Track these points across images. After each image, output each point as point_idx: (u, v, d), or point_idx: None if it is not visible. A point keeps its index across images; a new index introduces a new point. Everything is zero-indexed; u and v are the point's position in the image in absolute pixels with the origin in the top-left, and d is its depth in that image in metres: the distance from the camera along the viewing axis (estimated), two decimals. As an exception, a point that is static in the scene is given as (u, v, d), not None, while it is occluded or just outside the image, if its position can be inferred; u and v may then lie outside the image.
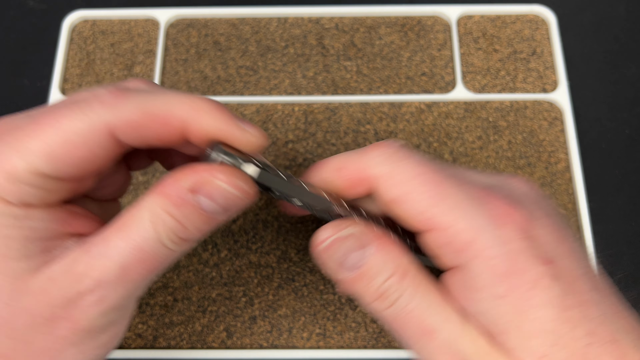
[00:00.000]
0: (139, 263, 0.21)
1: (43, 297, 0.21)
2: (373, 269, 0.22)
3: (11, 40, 0.44)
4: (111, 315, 0.22)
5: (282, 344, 0.35)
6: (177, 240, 0.21)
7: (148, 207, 0.21)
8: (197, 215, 0.21)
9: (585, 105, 0.41)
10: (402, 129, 0.40)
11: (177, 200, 0.21)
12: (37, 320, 0.21)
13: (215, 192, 0.21)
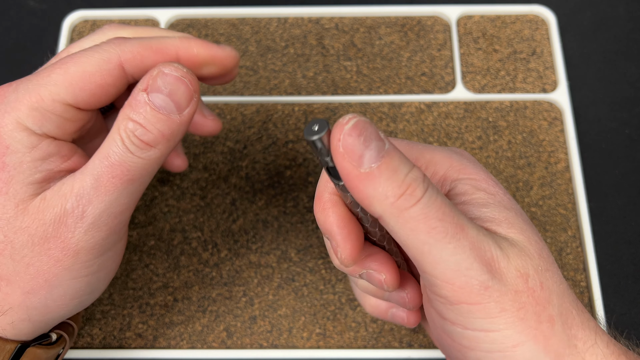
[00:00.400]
0: (108, 171, 0.23)
1: (37, 216, 0.23)
2: (395, 160, 0.20)
3: (11, 41, 0.44)
4: (95, 234, 0.24)
5: (282, 343, 0.35)
6: (139, 143, 0.23)
7: (117, 121, 0.23)
8: (151, 112, 0.23)
9: (585, 105, 0.41)
10: (402, 129, 0.40)
11: (133, 103, 0.23)
12: (34, 240, 0.23)
13: (161, 83, 0.23)
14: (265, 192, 0.38)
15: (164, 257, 0.37)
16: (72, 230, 0.23)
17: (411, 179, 0.20)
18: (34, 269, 0.24)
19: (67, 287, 0.24)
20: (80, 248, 0.24)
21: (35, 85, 0.24)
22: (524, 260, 0.21)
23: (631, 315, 0.36)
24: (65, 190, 0.23)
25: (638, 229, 0.38)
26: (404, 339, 0.35)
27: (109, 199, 0.23)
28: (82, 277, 0.24)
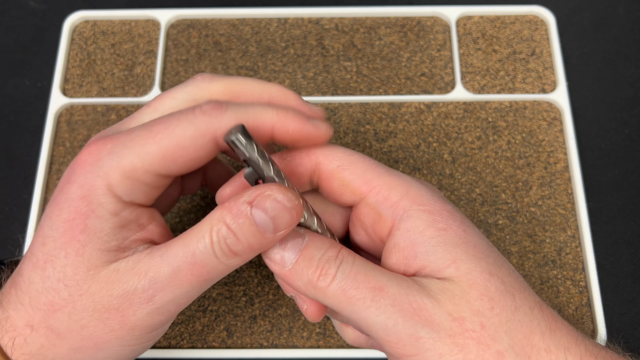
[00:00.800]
0: (189, 268, 0.23)
1: (107, 286, 0.23)
2: (310, 249, 0.24)
3: (12, 41, 0.44)
4: (156, 317, 0.24)
5: (282, 343, 0.35)
6: (227, 251, 0.23)
7: (210, 219, 0.23)
8: (249, 226, 0.23)
9: (584, 105, 0.41)
10: (401, 129, 0.40)
11: (234, 210, 0.23)
12: (96, 307, 0.24)
13: (268, 203, 0.23)
14: (265, 192, 0.38)
15: (165, 257, 0.37)
16: (136, 309, 0.24)
17: (324, 260, 0.23)
18: (87, 332, 0.24)
19: (113, 352, 0.25)
20: (137, 325, 0.24)
21: (129, 153, 0.24)
22: (458, 304, 0.22)
23: (630, 315, 0.36)
24: (140, 269, 0.23)
25: (637, 229, 0.38)
26: (403, 339, 0.35)
27: (180, 291, 0.23)
28: (130, 346, 0.25)
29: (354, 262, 0.23)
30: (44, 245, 0.24)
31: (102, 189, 0.23)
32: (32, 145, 0.41)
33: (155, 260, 0.23)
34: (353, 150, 0.26)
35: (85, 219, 0.24)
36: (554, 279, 0.36)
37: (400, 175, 0.25)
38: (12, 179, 0.40)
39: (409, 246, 0.24)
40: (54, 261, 0.24)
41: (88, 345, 0.24)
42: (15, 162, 0.40)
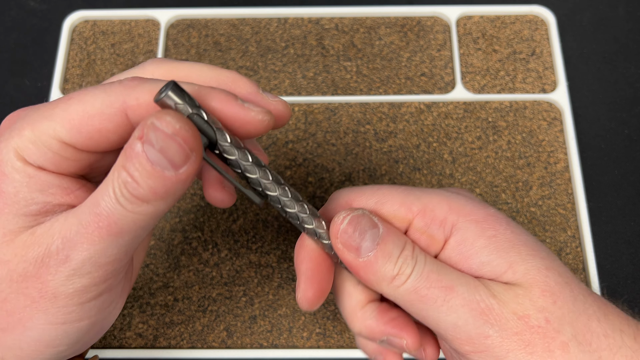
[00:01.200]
0: (95, 219, 0.21)
1: (22, 251, 0.22)
2: (389, 244, 0.23)
3: (12, 41, 0.44)
4: (77, 280, 0.22)
5: (282, 343, 0.35)
6: (129, 197, 0.21)
7: (113, 167, 0.21)
8: (144, 166, 0.20)
9: (585, 105, 0.41)
10: (401, 129, 0.40)
11: (128, 151, 0.20)
12: (12, 276, 0.22)
13: (153, 137, 0.20)
14: (265, 192, 0.38)
15: (164, 257, 0.37)
16: (53, 272, 0.22)
17: (402, 259, 0.23)
18: (9, 306, 0.22)
19: (42, 332, 0.23)
20: (58, 292, 0.22)
21: (39, 116, 0.22)
22: (522, 303, 0.23)
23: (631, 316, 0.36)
24: (54, 229, 0.22)
25: (637, 229, 0.38)
26: (403, 339, 0.35)
27: (94, 248, 0.21)
28: (59, 324, 0.23)
29: (427, 262, 0.24)
30: None
31: (11, 152, 0.22)
32: (31, 145, 0.41)
33: (67, 219, 0.22)
34: (377, 185, 0.26)
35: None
36: (554, 279, 0.36)
37: (435, 192, 0.25)
38: (11, 179, 0.40)
39: (462, 259, 0.24)
40: None
41: (13, 323, 0.22)
42: (15, 162, 0.40)
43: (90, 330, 0.24)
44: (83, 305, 0.23)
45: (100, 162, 0.24)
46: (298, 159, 0.39)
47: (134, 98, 0.22)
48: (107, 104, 0.22)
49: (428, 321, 0.24)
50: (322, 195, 0.38)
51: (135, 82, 0.22)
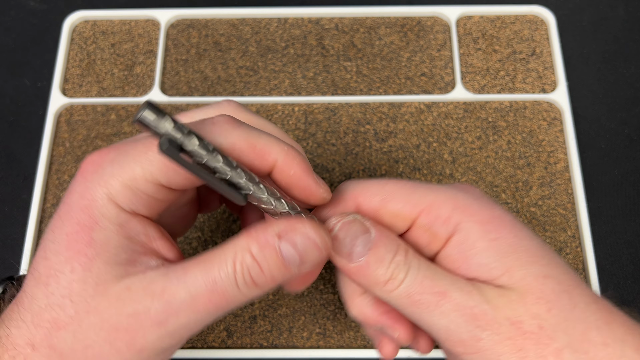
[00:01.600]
0: (208, 295, 0.22)
1: (117, 303, 0.22)
2: (381, 249, 0.24)
3: (12, 41, 0.44)
4: (166, 341, 0.23)
5: (282, 343, 0.35)
6: (249, 281, 0.22)
7: (234, 246, 0.22)
8: (275, 258, 0.22)
9: (585, 105, 0.41)
10: (401, 129, 0.40)
11: (262, 240, 0.22)
12: (103, 326, 0.22)
13: (298, 237, 0.22)
14: (265, 192, 0.38)
15: (164, 257, 0.37)
16: (147, 332, 0.22)
17: (394, 265, 0.24)
18: (91, 353, 0.22)
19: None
20: (145, 348, 0.23)
21: (131, 161, 0.23)
22: (515, 309, 0.23)
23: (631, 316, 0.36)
24: (155, 289, 0.22)
25: (637, 229, 0.38)
26: (403, 339, 0.35)
27: (194, 317, 0.22)
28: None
29: (420, 267, 0.24)
30: (47, 259, 0.23)
31: (103, 199, 0.23)
32: (31, 145, 0.41)
33: (172, 283, 0.22)
34: (384, 179, 0.26)
35: (90, 231, 0.23)
36: (554, 279, 0.36)
37: (442, 189, 0.25)
38: (12, 178, 0.40)
39: (461, 258, 0.24)
40: (59, 276, 0.23)
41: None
42: (15, 162, 0.40)
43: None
44: (159, 356, 0.23)
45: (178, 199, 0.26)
46: (298, 159, 0.39)
47: (229, 142, 0.23)
48: None
49: (421, 323, 0.24)
50: (322, 195, 0.38)
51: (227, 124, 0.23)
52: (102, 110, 0.41)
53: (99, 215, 0.23)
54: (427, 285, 0.23)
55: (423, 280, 0.23)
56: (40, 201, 0.38)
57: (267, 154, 0.24)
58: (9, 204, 0.39)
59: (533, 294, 0.23)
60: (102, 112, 0.41)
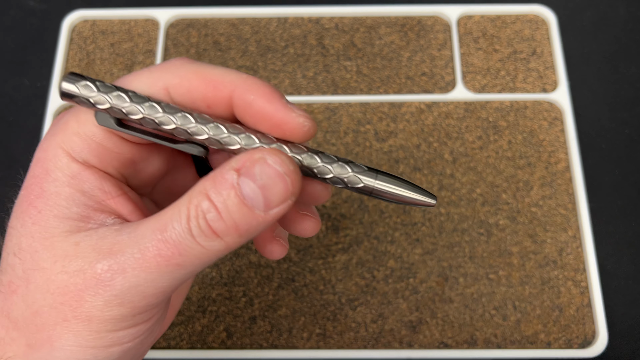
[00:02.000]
0: (158, 246, 0.19)
1: (62, 260, 0.20)
2: None
3: (11, 40, 0.44)
4: (115, 308, 0.20)
5: (282, 344, 0.35)
6: (206, 229, 0.19)
7: (190, 191, 0.20)
8: (233, 197, 0.19)
9: (585, 105, 0.41)
10: (402, 129, 0.40)
11: (218, 179, 0.19)
12: (50, 287, 0.20)
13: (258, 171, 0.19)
14: (265, 192, 0.38)
15: (164, 257, 0.37)
16: (93, 294, 0.20)
17: None
18: (40, 320, 0.20)
19: (70, 354, 0.21)
20: (93, 316, 0.20)
21: (82, 110, 0.21)
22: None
23: (631, 316, 0.36)
24: (104, 245, 0.20)
25: (638, 229, 0.38)
26: (404, 339, 0.35)
27: (144, 276, 0.20)
28: (89, 347, 0.21)
29: None
30: (4, 220, 0.22)
31: (54, 149, 0.21)
32: (31, 145, 0.41)
33: (122, 237, 0.20)
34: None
35: (41, 182, 0.21)
36: (555, 280, 0.36)
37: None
38: (10, 179, 0.40)
39: None
40: (11, 233, 0.21)
41: (42, 339, 0.20)
42: (15, 162, 0.40)
43: (121, 357, 0.22)
44: (116, 332, 0.21)
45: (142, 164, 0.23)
46: (298, 158, 0.39)
47: (177, 75, 0.21)
48: (149, 83, 0.21)
49: None
50: (322, 195, 0.38)
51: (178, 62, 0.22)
52: (102, 110, 0.41)
53: (51, 165, 0.21)
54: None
55: None
56: (39, 201, 0.38)
57: (221, 83, 0.21)
58: (8, 204, 0.39)
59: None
60: (101, 112, 0.41)
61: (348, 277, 0.36)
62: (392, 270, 0.36)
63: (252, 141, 0.20)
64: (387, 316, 0.35)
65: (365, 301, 0.35)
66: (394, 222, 0.37)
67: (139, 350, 0.23)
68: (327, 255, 0.37)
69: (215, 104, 0.21)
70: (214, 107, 0.21)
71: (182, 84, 0.21)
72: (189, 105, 0.21)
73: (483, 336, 0.35)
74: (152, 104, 0.20)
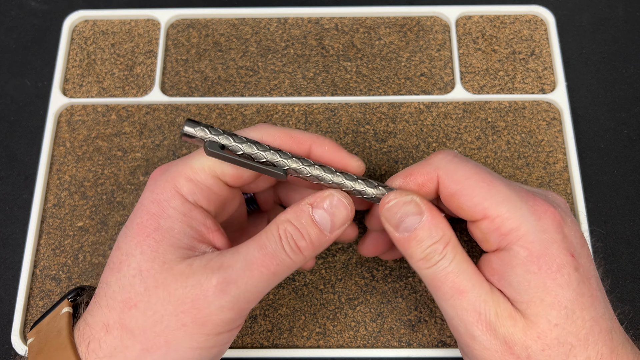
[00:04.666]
0: (261, 259, 0.25)
1: (181, 278, 0.25)
2: (424, 233, 0.26)
3: (12, 41, 0.44)
4: (227, 312, 0.25)
5: (283, 342, 0.35)
6: (294, 245, 0.26)
7: (275, 221, 0.26)
8: (310, 222, 0.26)
9: (584, 105, 0.42)
10: (401, 129, 0.40)
11: (297, 210, 0.26)
12: (170, 299, 0.24)
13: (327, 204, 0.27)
14: (265, 192, 0.38)
15: (165, 257, 0.37)
16: (210, 302, 0.24)
17: (431, 250, 0.26)
18: (159, 328, 0.25)
19: (183, 354, 0.25)
20: (209, 320, 0.25)
21: (190, 159, 0.27)
22: (514, 333, 0.25)
23: (631, 315, 0.36)
24: (214, 265, 0.25)
25: (636, 229, 0.38)
26: (403, 338, 0.35)
27: (251, 284, 0.25)
28: (199, 348, 0.25)
29: (452, 261, 0.26)
30: (119, 249, 0.26)
31: (169, 191, 0.26)
32: (32, 145, 0.41)
33: (227, 257, 0.25)
34: (475, 168, 0.28)
35: (157, 219, 0.26)
36: (553, 279, 0.36)
37: (517, 207, 0.26)
38: (12, 178, 0.40)
39: (499, 271, 0.26)
40: (129, 259, 0.25)
41: (159, 344, 0.25)
42: (16, 162, 0.41)
43: (216, 357, 0.27)
44: (221, 335, 0.25)
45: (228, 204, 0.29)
46: (298, 159, 0.39)
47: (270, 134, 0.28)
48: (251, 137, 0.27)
49: (438, 305, 0.27)
50: (322, 195, 0.38)
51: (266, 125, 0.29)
52: (103, 111, 0.41)
53: (166, 205, 0.26)
54: (450, 280, 0.26)
55: (448, 274, 0.26)
56: (41, 201, 0.38)
57: (302, 139, 0.28)
58: (9, 204, 0.39)
59: (536, 331, 0.25)
60: (102, 112, 0.41)
61: (348, 276, 0.36)
62: (392, 269, 0.36)
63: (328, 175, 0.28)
64: (387, 315, 0.35)
65: (365, 300, 0.36)
66: (394, 222, 0.38)
67: (224, 352, 0.28)
68: (327, 254, 0.37)
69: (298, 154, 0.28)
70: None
71: (274, 140, 0.28)
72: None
73: (481, 335, 0.35)
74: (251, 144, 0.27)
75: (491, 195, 0.26)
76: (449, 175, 0.28)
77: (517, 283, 0.25)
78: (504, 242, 0.26)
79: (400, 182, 0.29)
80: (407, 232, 0.27)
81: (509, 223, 0.26)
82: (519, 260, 0.25)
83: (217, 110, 0.41)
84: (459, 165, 0.28)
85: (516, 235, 0.26)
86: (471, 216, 0.27)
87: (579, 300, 0.25)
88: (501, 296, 0.26)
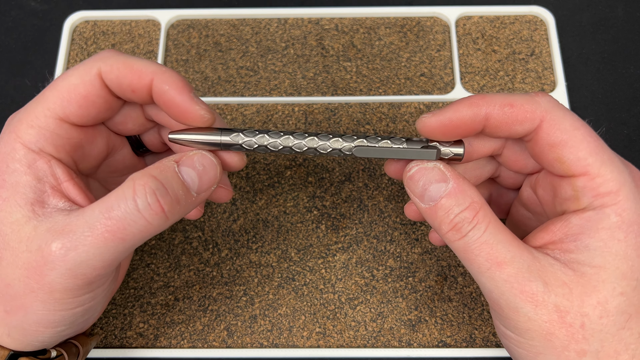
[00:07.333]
0: (104, 223, 0.23)
1: (26, 241, 0.24)
2: (450, 201, 0.24)
3: (13, 41, 0.44)
4: (69, 280, 0.23)
5: (283, 342, 0.35)
6: (154, 204, 0.23)
7: (132, 176, 0.24)
8: (177, 180, 0.24)
9: (584, 105, 0.42)
10: (401, 130, 0.40)
11: (161, 166, 0.24)
12: (18, 263, 0.24)
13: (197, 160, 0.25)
14: (265, 192, 0.38)
15: (165, 257, 0.37)
16: (50, 269, 0.23)
17: (460, 219, 0.24)
18: (12, 291, 0.24)
19: (41, 317, 0.24)
20: (54, 288, 0.24)
21: (32, 104, 0.25)
22: (570, 301, 0.23)
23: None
24: (57, 228, 0.23)
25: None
26: (403, 338, 0.35)
27: (93, 251, 0.23)
28: (56, 310, 0.24)
29: (485, 231, 0.24)
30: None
31: (12, 143, 0.25)
32: (32, 145, 0.41)
33: (72, 219, 0.23)
34: (580, 120, 0.25)
35: (2, 174, 0.24)
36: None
37: (620, 170, 0.24)
38: (12, 179, 0.40)
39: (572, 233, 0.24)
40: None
41: (16, 306, 0.24)
42: (16, 162, 0.41)
43: (85, 314, 0.26)
44: (76, 298, 0.25)
45: (88, 147, 0.27)
46: (298, 159, 0.39)
47: (108, 64, 0.25)
48: (85, 72, 0.25)
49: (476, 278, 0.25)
50: (322, 195, 0.38)
51: (108, 53, 0.26)
52: (103, 111, 0.41)
53: (9, 158, 0.24)
54: (485, 250, 0.24)
55: (482, 245, 0.24)
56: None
57: (144, 72, 0.25)
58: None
59: (596, 298, 0.23)
60: (102, 113, 0.41)
61: (348, 276, 0.36)
62: (392, 269, 0.36)
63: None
64: (387, 315, 0.35)
65: (365, 300, 0.36)
66: (394, 222, 0.38)
67: (99, 306, 0.27)
68: (327, 254, 0.37)
69: (138, 89, 0.25)
70: (138, 92, 0.25)
71: (112, 71, 0.25)
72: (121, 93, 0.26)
73: (482, 335, 0.35)
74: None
75: (597, 152, 0.24)
76: (556, 122, 0.24)
77: (596, 247, 0.23)
78: (596, 202, 0.24)
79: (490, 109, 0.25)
80: (433, 202, 0.25)
81: (610, 185, 0.24)
82: (607, 224, 0.23)
83: (217, 110, 0.41)
84: (567, 113, 0.25)
85: (613, 199, 0.24)
86: (568, 170, 0.24)
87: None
88: (548, 264, 0.24)
